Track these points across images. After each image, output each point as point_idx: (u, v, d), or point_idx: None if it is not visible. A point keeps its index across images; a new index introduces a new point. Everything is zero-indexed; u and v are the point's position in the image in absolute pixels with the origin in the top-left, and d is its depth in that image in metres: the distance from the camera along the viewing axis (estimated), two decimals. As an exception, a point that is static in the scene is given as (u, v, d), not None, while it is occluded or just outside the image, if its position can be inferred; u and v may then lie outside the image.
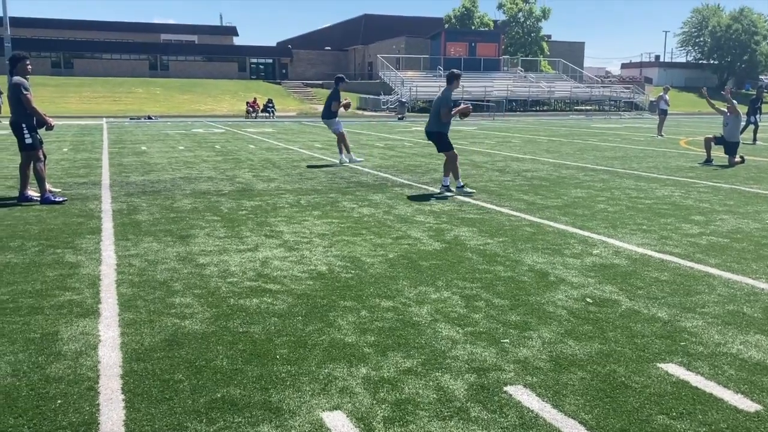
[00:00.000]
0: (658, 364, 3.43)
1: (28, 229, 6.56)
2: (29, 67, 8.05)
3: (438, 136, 9.22)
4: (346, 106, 13.03)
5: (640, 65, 77.98)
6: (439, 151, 9.48)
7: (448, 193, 9.09)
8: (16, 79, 7.88)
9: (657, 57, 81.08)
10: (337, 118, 13.01)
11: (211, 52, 67.79)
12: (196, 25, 75.11)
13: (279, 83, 61.11)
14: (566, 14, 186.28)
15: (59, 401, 2.98)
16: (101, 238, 6.24)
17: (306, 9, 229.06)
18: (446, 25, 63.08)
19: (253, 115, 37.46)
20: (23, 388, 3.10)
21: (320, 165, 12.77)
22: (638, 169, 12.39)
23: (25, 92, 7.84)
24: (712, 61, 73.31)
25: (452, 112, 9.11)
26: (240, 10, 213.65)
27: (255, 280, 4.88)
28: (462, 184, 9.19)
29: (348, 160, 12.99)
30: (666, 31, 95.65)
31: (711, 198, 8.91)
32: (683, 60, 79.70)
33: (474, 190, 9.20)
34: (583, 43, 70.06)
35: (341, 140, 13.06)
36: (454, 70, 9.28)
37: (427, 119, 9.44)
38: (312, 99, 52.85)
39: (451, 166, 9.18)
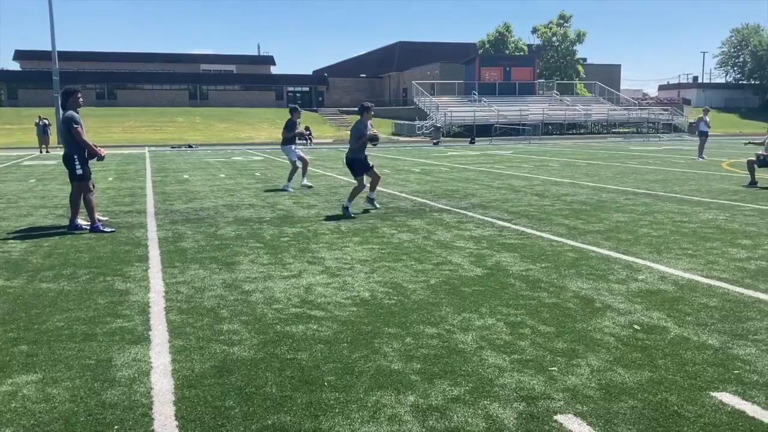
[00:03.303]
0: (712, 393, 3.36)
1: (79, 257, 6.76)
2: (80, 100, 8.34)
3: (351, 162, 9.99)
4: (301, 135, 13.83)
5: (678, 87, 77.05)
6: (354, 177, 10.08)
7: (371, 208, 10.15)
8: (69, 113, 8.16)
9: (695, 78, 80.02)
10: (292, 146, 13.62)
11: (249, 81, 69.21)
12: (234, 55, 76.86)
13: (316, 110, 62.00)
14: (602, 37, 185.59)
15: (116, 427, 3.05)
16: (149, 265, 6.39)
17: (341, 38, 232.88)
18: (480, 51, 63.34)
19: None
20: (81, 414, 3.19)
21: (358, 191, 12.87)
22: (680, 192, 12.20)
23: (75, 126, 8.12)
24: (753, 82, 72.02)
25: (360, 140, 9.76)
26: (277, 39, 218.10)
27: (300, 307, 4.93)
28: (348, 205, 9.69)
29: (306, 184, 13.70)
30: (704, 52, 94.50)
31: (758, 221, 8.72)
32: (722, 80, 78.50)
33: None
34: (620, 65, 69.61)
35: (302, 166, 13.71)
36: (364, 102, 10.09)
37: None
38: (348, 126, 53.39)
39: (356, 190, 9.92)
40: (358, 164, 9.95)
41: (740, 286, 5.40)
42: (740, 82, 74.58)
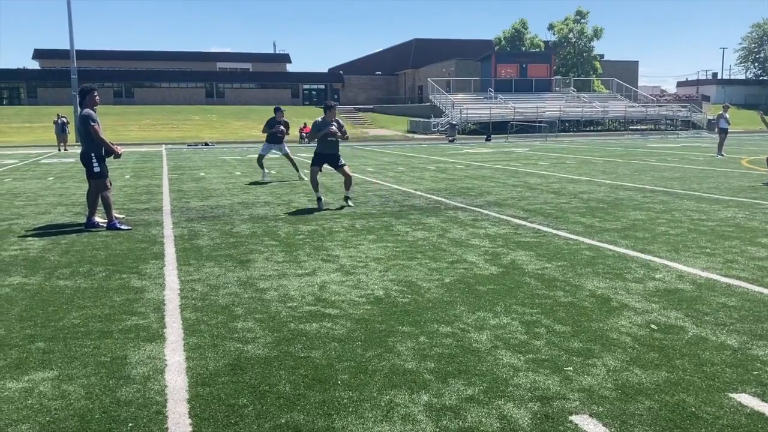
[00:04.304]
0: (730, 394, 3.31)
1: (96, 255, 6.81)
2: (97, 98, 8.41)
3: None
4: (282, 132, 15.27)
5: (697, 83, 76.19)
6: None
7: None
8: (86, 111, 8.23)
9: (714, 74, 79.04)
10: (267, 143, 15.44)
11: (265, 79, 69.48)
12: (250, 53, 77.23)
13: (331, 108, 61.95)
14: (619, 33, 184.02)
15: (130, 424, 3.07)
16: (164, 263, 6.43)
17: (357, 35, 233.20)
18: (496, 47, 63.07)
19: (306, 140, 38.08)
20: (96, 411, 3.20)
21: (373, 189, 12.87)
22: (699, 190, 12.06)
23: (93, 123, 8.18)
24: (774, 77, 71.06)
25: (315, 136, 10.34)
26: (293, 37, 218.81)
27: (314, 305, 4.93)
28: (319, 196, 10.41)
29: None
30: (723, 48, 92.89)
31: (778, 219, 8.59)
32: (742, 77, 77.46)
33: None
34: (637, 61, 69.01)
35: (289, 162, 15.52)
36: (327, 102, 10.42)
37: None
38: (363, 123, 53.39)
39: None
40: (315, 156, 10.39)
41: (760, 286, 5.32)
42: (761, 78, 73.57)
